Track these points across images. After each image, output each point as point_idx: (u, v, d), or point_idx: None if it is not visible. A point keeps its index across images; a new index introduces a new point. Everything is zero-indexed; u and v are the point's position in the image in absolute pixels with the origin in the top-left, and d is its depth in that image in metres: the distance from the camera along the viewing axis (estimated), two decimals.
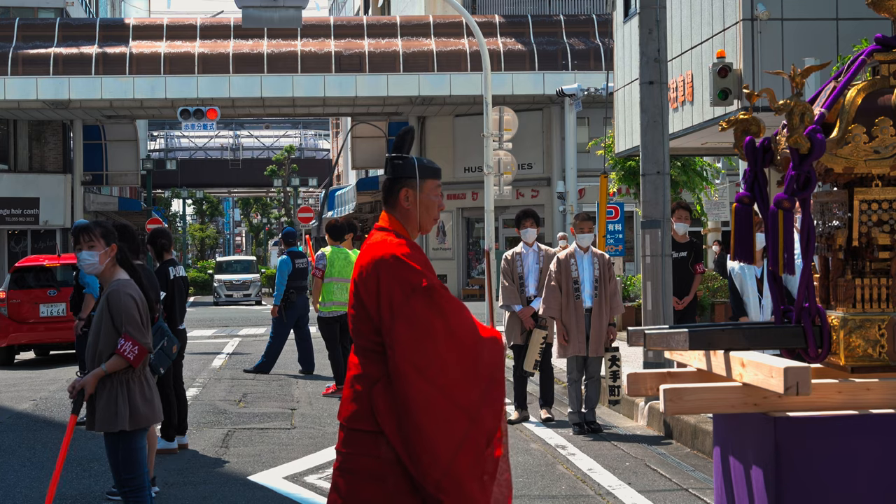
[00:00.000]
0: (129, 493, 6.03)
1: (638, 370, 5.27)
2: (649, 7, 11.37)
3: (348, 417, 4.28)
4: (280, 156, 64.46)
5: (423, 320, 4.15)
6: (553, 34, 37.68)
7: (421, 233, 4.44)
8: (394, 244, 4.26)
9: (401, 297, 4.15)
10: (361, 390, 4.25)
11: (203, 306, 39.95)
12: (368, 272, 4.22)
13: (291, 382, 14.67)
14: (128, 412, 5.92)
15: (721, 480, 4.99)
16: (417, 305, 4.15)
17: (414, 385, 4.10)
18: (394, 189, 4.37)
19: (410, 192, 4.35)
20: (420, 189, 4.35)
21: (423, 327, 4.14)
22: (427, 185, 4.37)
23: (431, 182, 4.39)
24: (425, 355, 4.12)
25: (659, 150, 11.39)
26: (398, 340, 4.12)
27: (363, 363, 4.27)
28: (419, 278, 4.19)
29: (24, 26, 38.07)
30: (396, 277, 4.18)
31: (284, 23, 21.56)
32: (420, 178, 4.35)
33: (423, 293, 4.17)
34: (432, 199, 4.39)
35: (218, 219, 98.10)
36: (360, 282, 4.24)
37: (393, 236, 4.31)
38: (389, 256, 4.21)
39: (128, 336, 5.88)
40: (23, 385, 14.98)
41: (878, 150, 4.57)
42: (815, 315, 4.59)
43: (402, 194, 4.35)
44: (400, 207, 4.37)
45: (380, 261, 4.22)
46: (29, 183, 40.85)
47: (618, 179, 22.41)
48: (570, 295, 10.50)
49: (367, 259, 4.27)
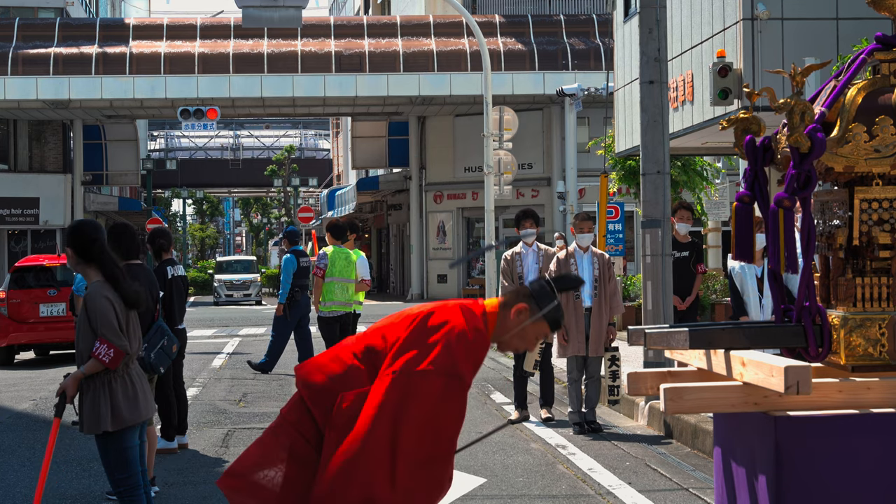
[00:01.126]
0: (124, 492, 6.01)
1: (638, 369, 5.26)
2: (649, 7, 11.36)
3: (308, 384, 4.24)
4: (280, 156, 64.47)
5: (440, 399, 4.13)
6: (553, 34, 37.67)
7: (498, 348, 4.45)
8: (478, 325, 4.26)
9: (443, 367, 4.14)
10: (337, 374, 4.22)
11: (203, 306, 39.95)
12: (438, 324, 4.22)
13: (291, 382, 14.66)
14: (109, 413, 5.88)
15: (721, 480, 4.99)
16: (448, 385, 4.14)
17: (381, 430, 4.05)
18: (519, 300, 4.34)
19: (526, 315, 4.32)
20: (534, 321, 4.33)
21: (434, 403, 4.12)
22: (540, 325, 4.34)
23: (543, 326, 4.36)
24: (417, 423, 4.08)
25: (659, 150, 11.38)
26: (411, 392, 4.09)
27: (361, 360, 4.25)
28: (470, 364, 4.20)
29: (24, 26, 38.06)
30: (454, 341, 4.18)
31: (284, 22, 21.57)
32: (542, 316, 4.33)
33: (459, 382, 4.17)
34: (531, 337, 4.37)
35: (218, 219, 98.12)
36: (426, 323, 4.22)
37: (481, 322, 4.29)
38: (470, 326, 4.22)
39: (103, 339, 5.83)
40: (23, 385, 14.98)
41: (879, 148, 4.57)
42: (815, 314, 4.59)
43: (520, 308, 4.33)
44: (509, 314, 4.34)
45: (454, 326, 4.22)
46: (29, 183, 40.85)
47: (618, 179, 22.40)
48: (570, 295, 10.50)
49: (445, 315, 4.26)
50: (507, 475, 8.45)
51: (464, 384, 4.18)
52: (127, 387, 5.97)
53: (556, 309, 4.33)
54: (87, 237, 5.98)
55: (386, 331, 4.30)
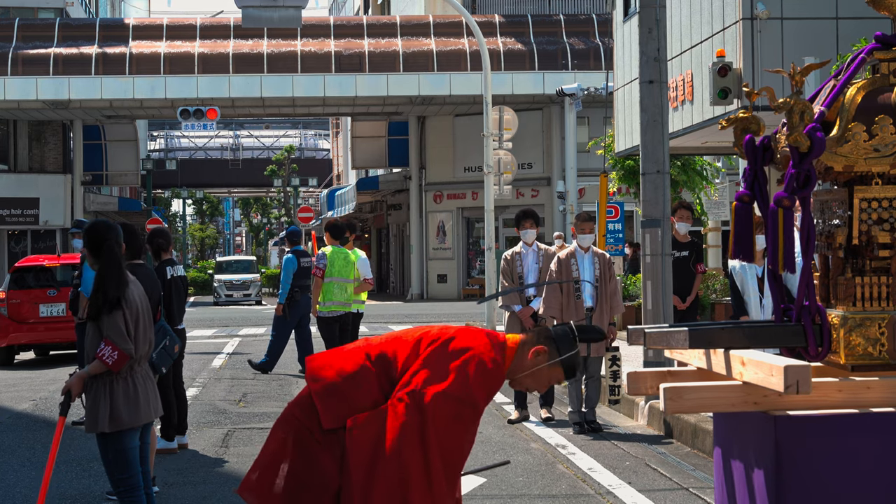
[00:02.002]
0: (123, 492, 6.02)
1: (638, 369, 5.26)
2: (649, 6, 11.36)
3: (318, 379, 4.27)
4: (280, 156, 64.47)
5: (454, 422, 4.17)
6: (553, 34, 37.68)
7: (511, 385, 4.47)
8: (493, 358, 4.28)
9: (460, 391, 4.17)
10: (348, 373, 4.24)
11: (203, 306, 39.94)
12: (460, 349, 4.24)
13: (291, 382, 14.67)
14: (108, 414, 5.88)
15: (721, 479, 4.98)
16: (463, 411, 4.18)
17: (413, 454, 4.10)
18: (539, 341, 4.37)
19: (543, 358, 4.35)
20: (550, 365, 4.36)
21: (449, 425, 4.16)
22: (553, 370, 4.38)
23: (558, 372, 4.39)
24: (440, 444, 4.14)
25: (659, 150, 11.38)
26: (432, 413, 4.13)
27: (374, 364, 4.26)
28: (486, 392, 4.24)
29: (24, 26, 38.07)
30: (471, 369, 4.21)
31: (284, 23, 21.56)
32: (559, 362, 4.36)
33: (473, 409, 4.22)
34: (544, 379, 4.40)
35: (218, 219, 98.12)
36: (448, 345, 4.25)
37: (499, 353, 4.32)
38: (488, 356, 4.25)
39: (108, 341, 5.84)
40: (22, 385, 14.97)
41: (878, 148, 4.57)
42: (815, 313, 4.58)
43: (538, 350, 4.36)
44: (526, 353, 4.37)
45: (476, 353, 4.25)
46: (29, 183, 40.86)
47: (618, 179, 22.40)
48: (571, 294, 10.50)
49: (469, 341, 4.28)
50: (507, 475, 8.45)
51: (477, 412, 4.24)
52: (129, 389, 5.97)
53: (575, 356, 4.38)
54: (99, 236, 6.01)
55: (399, 345, 4.32)
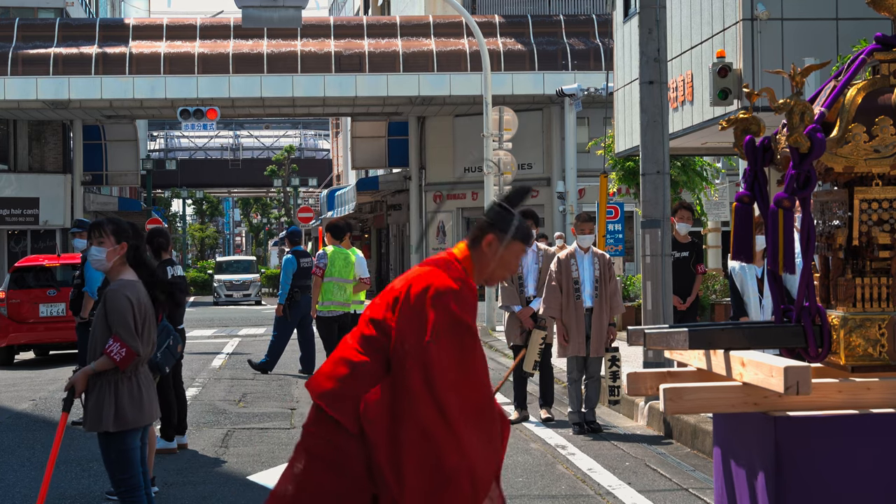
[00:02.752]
0: (124, 492, 6.02)
1: (638, 370, 5.26)
2: (649, 7, 11.36)
3: (322, 394, 4.29)
4: (280, 156, 64.46)
5: (458, 353, 4.18)
6: (553, 34, 37.67)
7: (486, 283, 4.48)
8: (459, 275, 4.30)
9: (447, 323, 4.18)
10: (346, 375, 4.25)
11: (203, 306, 39.94)
12: (424, 283, 4.25)
13: (291, 382, 14.67)
14: (112, 413, 5.89)
15: (721, 480, 4.98)
16: (457, 339, 4.19)
17: (425, 408, 4.12)
18: (484, 232, 4.39)
19: (496, 242, 4.36)
20: (506, 246, 4.37)
21: (455, 359, 4.17)
22: (514, 246, 4.39)
23: (519, 245, 4.40)
24: (450, 385, 4.15)
25: (659, 150, 11.38)
26: (430, 361, 4.14)
27: (362, 350, 4.27)
28: (468, 316, 4.24)
29: (24, 26, 38.06)
30: (449, 304, 4.21)
31: (284, 23, 21.57)
32: (512, 236, 4.37)
33: (467, 331, 4.23)
34: (512, 260, 4.41)
35: (218, 219, 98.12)
36: (410, 287, 4.26)
37: (460, 269, 4.34)
38: (451, 283, 4.26)
39: (117, 337, 5.85)
40: (22, 385, 14.97)
41: (879, 149, 4.57)
42: (815, 314, 4.59)
43: (489, 239, 4.37)
44: (480, 250, 4.39)
45: (441, 281, 4.25)
46: (29, 183, 40.84)
47: (618, 179, 22.40)
48: (571, 295, 10.50)
49: (426, 271, 4.30)
50: (507, 475, 8.44)
51: (472, 331, 4.24)
52: (133, 389, 5.99)
53: (521, 224, 4.39)
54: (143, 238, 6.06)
55: (374, 315, 4.33)
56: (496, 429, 4.27)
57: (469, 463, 4.12)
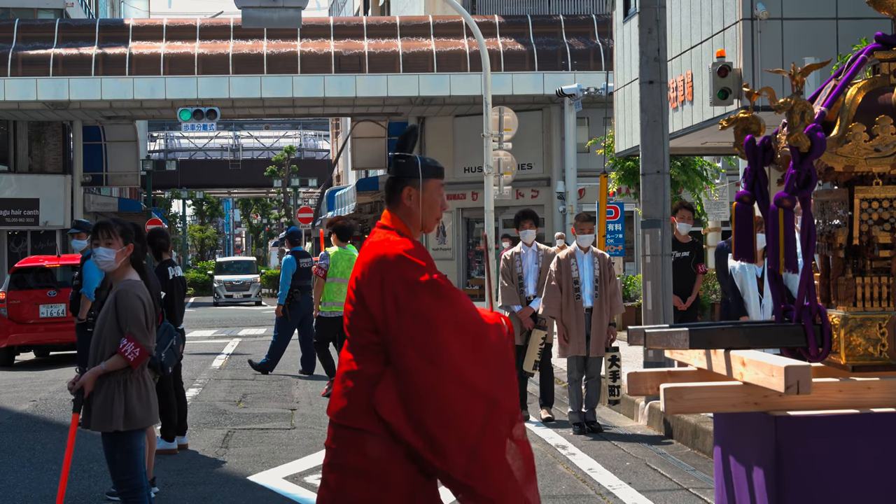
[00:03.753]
0: (127, 493, 6.02)
1: (638, 370, 5.26)
2: (649, 7, 11.36)
3: (337, 413, 4.29)
4: (280, 156, 64.47)
5: (429, 314, 4.17)
6: (553, 34, 37.66)
7: (424, 231, 4.45)
8: (396, 242, 4.28)
9: (405, 293, 4.17)
10: (353, 387, 4.25)
11: (203, 307, 39.93)
12: (371, 270, 4.25)
13: (291, 382, 14.67)
14: (123, 412, 5.90)
15: (722, 480, 4.98)
16: (423, 300, 4.18)
17: (429, 376, 4.13)
18: (397, 188, 4.38)
19: (413, 191, 4.36)
20: (423, 188, 4.37)
21: (430, 320, 4.16)
22: (430, 185, 4.39)
23: (434, 182, 4.40)
24: (436, 347, 4.14)
25: (659, 150, 11.38)
26: (408, 335, 4.15)
27: (358, 360, 4.27)
28: (422, 274, 4.21)
29: (24, 27, 38.06)
30: (400, 275, 4.20)
31: (284, 23, 21.55)
32: (423, 177, 4.37)
33: (427, 288, 4.20)
34: (435, 199, 4.41)
35: (218, 219, 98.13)
36: (363, 280, 4.26)
37: (395, 234, 4.33)
38: (392, 255, 4.23)
39: (131, 337, 5.87)
40: (22, 386, 14.97)
41: (879, 148, 4.56)
42: (815, 314, 4.58)
43: (405, 193, 4.37)
44: (403, 206, 4.38)
45: (382, 258, 4.24)
46: (29, 184, 40.83)
47: (618, 179, 22.40)
48: (571, 295, 10.50)
49: (369, 257, 4.29)
50: None
51: (433, 283, 4.21)
52: (141, 389, 6.00)
53: (423, 162, 4.39)
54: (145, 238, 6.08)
55: (349, 313, 4.34)
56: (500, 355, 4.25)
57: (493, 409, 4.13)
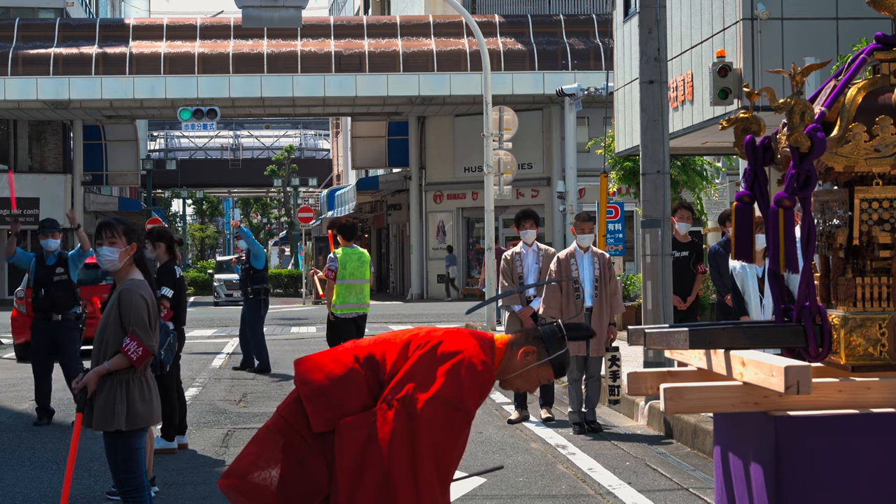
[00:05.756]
0: (129, 492, 6.02)
1: (638, 369, 5.26)
2: (649, 6, 11.36)
3: (306, 381, 4.28)
4: (280, 156, 64.49)
5: (448, 427, 4.16)
6: (553, 34, 37.67)
7: (500, 385, 4.45)
8: (484, 360, 4.27)
9: (450, 396, 4.16)
10: (336, 375, 4.25)
11: (203, 306, 39.93)
12: (449, 353, 4.22)
13: (291, 382, 14.65)
14: (125, 412, 5.89)
15: (721, 480, 4.98)
16: (454, 415, 4.17)
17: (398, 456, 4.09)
18: (529, 341, 4.37)
19: (532, 357, 4.36)
20: (538, 365, 4.37)
21: (443, 430, 4.15)
22: (543, 369, 4.39)
23: (548, 371, 4.40)
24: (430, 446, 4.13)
25: (659, 150, 11.38)
26: (420, 416, 4.12)
27: (362, 365, 4.26)
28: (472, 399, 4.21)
29: (24, 26, 38.07)
30: (461, 380, 4.19)
31: (284, 23, 21.57)
32: (549, 362, 4.37)
33: (464, 413, 4.20)
34: (533, 380, 4.41)
35: (218, 219, 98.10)
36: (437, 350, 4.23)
37: (488, 354, 4.30)
38: (471, 362, 4.22)
39: (134, 336, 5.87)
40: (23, 385, 14.96)
41: (879, 148, 4.56)
42: (815, 314, 4.58)
43: (527, 349, 4.36)
44: (515, 353, 4.37)
45: (465, 356, 4.22)
46: (29, 183, 40.85)
47: (618, 179, 22.39)
48: (571, 294, 10.50)
49: (458, 344, 4.26)
50: (507, 475, 8.44)
51: (469, 417, 4.22)
52: (143, 388, 6.00)
53: (564, 355, 4.38)
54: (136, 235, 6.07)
55: (388, 347, 4.30)
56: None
57: None
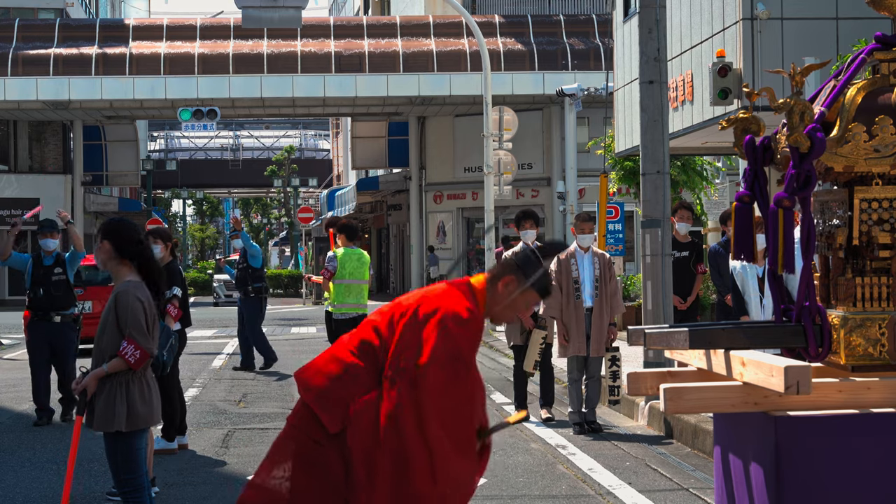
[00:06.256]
0: (129, 493, 6.02)
1: (638, 370, 5.26)
2: (649, 6, 11.36)
3: (310, 388, 4.28)
4: (280, 156, 64.48)
5: (452, 383, 4.17)
6: (553, 34, 37.67)
7: (491, 321, 4.47)
8: (467, 306, 4.28)
9: (445, 352, 4.16)
10: (338, 375, 4.25)
11: (203, 307, 39.92)
12: (430, 312, 4.24)
13: (291, 382, 14.66)
14: (125, 413, 5.89)
15: (721, 480, 4.98)
16: (455, 368, 4.17)
17: (408, 430, 4.11)
18: (506, 271, 4.39)
19: (513, 286, 4.36)
20: (521, 292, 4.37)
21: (447, 388, 4.16)
22: (528, 295, 4.39)
23: (533, 296, 4.41)
24: (436, 411, 4.13)
25: (659, 150, 11.38)
26: (421, 384, 4.12)
27: (357, 355, 4.27)
28: (467, 347, 4.22)
29: (24, 27, 38.06)
30: (451, 335, 4.19)
31: (284, 23, 21.57)
32: (530, 285, 4.36)
33: (464, 363, 4.21)
34: (521, 306, 4.42)
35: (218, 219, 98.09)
36: (418, 314, 4.24)
37: (470, 298, 4.32)
38: (455, 313, 4.23)
39: (131, 340, 5.86)
40: (22, 386, 14.96)
41: (878, 148, 4.57)
42: (815, 314, 4.59)
43: (506, 280, 4.37)
44: (496, 286, 4.39)
45: (447, 310, 4.24)
46: (29, 183, 40.86)
47: (618, 179, 22.39)
48: (571, 295, 10.50)
49: (436, 301, 4.28)
50: (507, 475, 8.45)
51: (468, 365, 4.22)
52: (143, 389, 5.99)
53: (543, 276, 4.38)
54: (130, 237, 6.02)
55: (379, 323, 4.31)
56: (472, 462, 4.24)
57: (441, 491, 4.11)
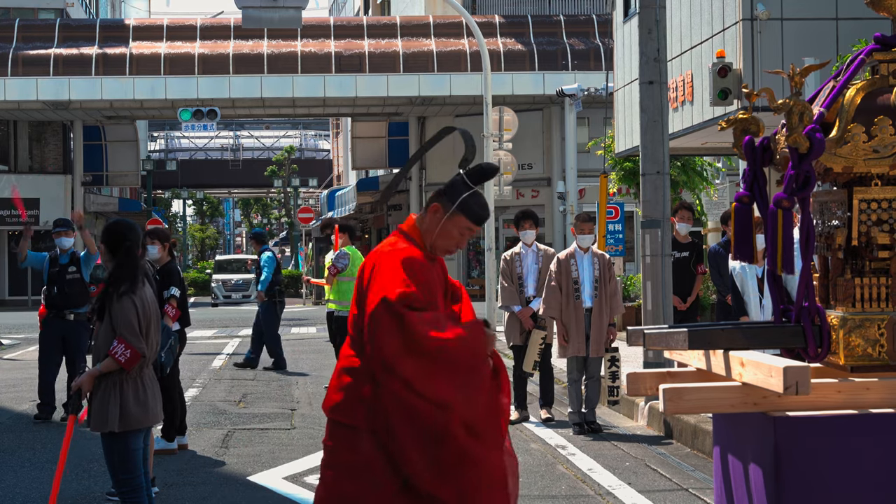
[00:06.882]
0: (127, 493, 6.02)
1: (638, 370, 5.26)
2: (649, 7, 11.37)
3: (332, 408, 4.34)
4: (280, 156, 64.48)
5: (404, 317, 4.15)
6: (553, 34, 37.68)
7: (433, 253, 4.37)
8: (402, 249, 4.28)
9: (384, 301, 4.17)
10: (349, 382, 4.30)
11: (203, 307, 39.94)
12: (371, 270, 4.30)
13: (291, 382, 14.67)
14: (118, 413, 5.89)
15: (721, 480, 4.99)
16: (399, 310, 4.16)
17: (388, 384, 4.18)
18: (433, 199, 4.35)
19: (441, 210, 4.31)
20: (448, 217, 4.30)
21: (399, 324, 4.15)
22: (457, 220, 4.31)
23: (463, 220, 4.31)
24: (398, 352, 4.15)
25: (659, 150, 11.38)
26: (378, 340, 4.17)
27: (353, 355, 4.32)
28: (405, 287, 4.18)
29: (24, 27, 38.07)
30: (391, 279, 4.20)
31: (284, 23, 21.55)
32: (457, 208, 4.29)
33: (429, 304, 4.21)
34: (453, 233, 4.32)
35: (218, 219, 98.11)
36: (365, 280, 4.30)
37: (404, 241, 4.31)
38: (389, 260, 4.25)
39: (121, 339, 5.86)
40: (23, 386, 14.97)
41: (878, 149, 4.57)
42: (814, 314, 4.59)
43: (434, 206, 4.32)
44: (426, 216, 4.36)
45: (383, 261, 4.27)
46: (29, 183, 40.86)
47: (618, 179, 22.40)
48: (570, 295, 10.50)
49: (375, 258, 4.33)
50: None
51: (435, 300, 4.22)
52: (138, 390, 5.99)
53: (471, 197, 4.27)
54: (120, 235, 6.04)
55: (351, 310, 4.41)
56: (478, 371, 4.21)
57: (448, 416, 4.12)
